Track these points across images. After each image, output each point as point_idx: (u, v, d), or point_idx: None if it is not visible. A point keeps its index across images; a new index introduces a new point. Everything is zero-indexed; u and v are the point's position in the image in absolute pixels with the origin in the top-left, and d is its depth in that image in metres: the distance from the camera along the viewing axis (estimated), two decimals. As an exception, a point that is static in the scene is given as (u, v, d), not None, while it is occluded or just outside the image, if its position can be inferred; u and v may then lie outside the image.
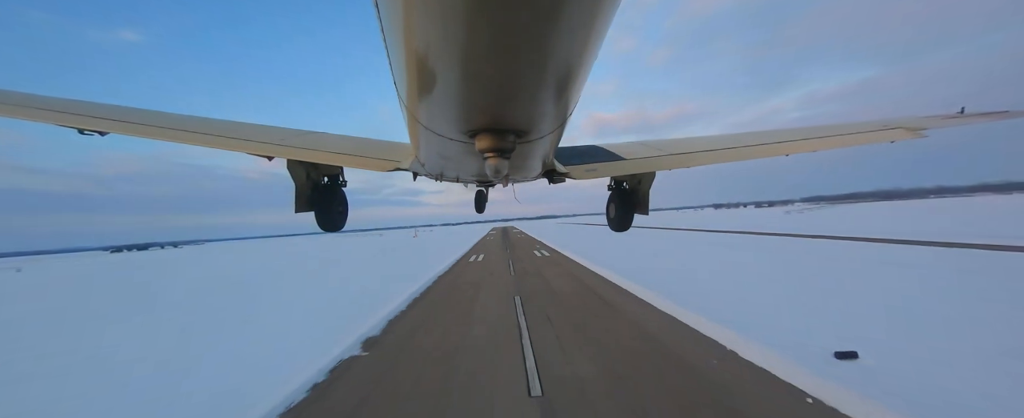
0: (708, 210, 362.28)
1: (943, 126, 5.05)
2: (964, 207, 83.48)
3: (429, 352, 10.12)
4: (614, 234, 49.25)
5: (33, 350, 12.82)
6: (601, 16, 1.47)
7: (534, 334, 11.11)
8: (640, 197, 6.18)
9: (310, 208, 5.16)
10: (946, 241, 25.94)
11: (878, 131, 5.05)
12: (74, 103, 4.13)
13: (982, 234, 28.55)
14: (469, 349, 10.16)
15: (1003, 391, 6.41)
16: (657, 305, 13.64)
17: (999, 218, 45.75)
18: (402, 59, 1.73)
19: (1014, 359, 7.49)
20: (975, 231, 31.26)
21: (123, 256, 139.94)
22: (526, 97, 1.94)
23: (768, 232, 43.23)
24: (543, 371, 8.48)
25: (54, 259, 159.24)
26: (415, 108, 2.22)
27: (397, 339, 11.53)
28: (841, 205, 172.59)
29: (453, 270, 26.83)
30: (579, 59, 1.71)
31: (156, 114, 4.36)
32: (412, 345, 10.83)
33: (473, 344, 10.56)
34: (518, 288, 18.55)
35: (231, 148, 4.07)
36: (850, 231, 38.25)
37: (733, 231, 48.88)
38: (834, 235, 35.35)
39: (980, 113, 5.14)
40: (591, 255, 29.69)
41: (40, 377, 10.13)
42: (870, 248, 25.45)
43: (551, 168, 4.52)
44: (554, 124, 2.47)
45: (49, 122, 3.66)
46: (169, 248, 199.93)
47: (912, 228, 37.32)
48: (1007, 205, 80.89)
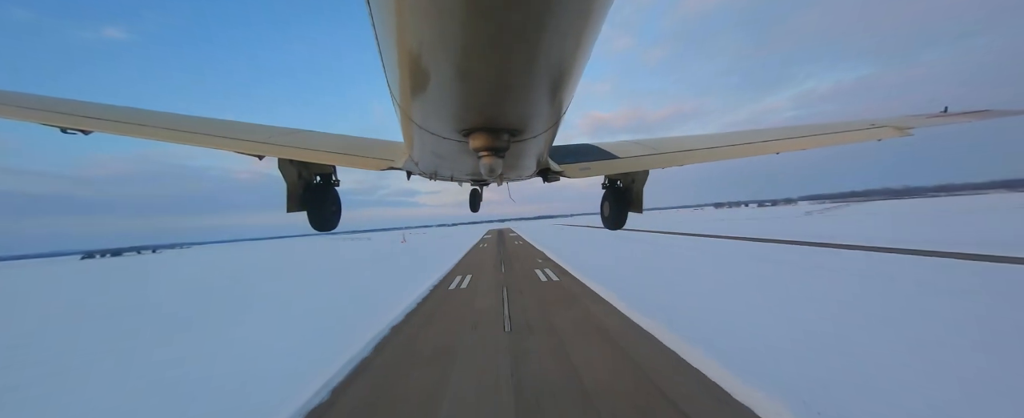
0: (709, 209, 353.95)
1: (928, 125, 5.22)
2: (986, 206, 76.47)
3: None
4: (631, 246, 41.04)
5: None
6: (594, 15, 1.48)
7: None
8: (634, 196, 6.20)
9: (302, 208, 5.11)
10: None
11: (866, 130, 5.21)
12: (57, 101, 4.04)
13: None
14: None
15: None
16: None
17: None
18: (395, 57, 1.74)
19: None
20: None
21: (94, 262, 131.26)
22: (520, 96, 1.96)
23: (855, 245, 35.05)
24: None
25: (10, 266, 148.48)
26: (408, 107, 2.23)
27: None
28: (853, 204, 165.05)
29: (419, 314, 18.39)
30: (573, 58, 1.72)
31: (142, 112, 4.22)
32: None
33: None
34: (513, 369, 10.29)
35: (220, 147, 3.98)
36: (948, 241, 30.11)
37: (802, 242, 40.63)
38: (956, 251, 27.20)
39: (962, 112, 5.43)
40: (618, 284, 21.38)
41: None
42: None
43: (545, 167, 4.57)
44: (548, 123, 2.49)
45: (31, 121, 3.59)
46: (147, 253, 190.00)
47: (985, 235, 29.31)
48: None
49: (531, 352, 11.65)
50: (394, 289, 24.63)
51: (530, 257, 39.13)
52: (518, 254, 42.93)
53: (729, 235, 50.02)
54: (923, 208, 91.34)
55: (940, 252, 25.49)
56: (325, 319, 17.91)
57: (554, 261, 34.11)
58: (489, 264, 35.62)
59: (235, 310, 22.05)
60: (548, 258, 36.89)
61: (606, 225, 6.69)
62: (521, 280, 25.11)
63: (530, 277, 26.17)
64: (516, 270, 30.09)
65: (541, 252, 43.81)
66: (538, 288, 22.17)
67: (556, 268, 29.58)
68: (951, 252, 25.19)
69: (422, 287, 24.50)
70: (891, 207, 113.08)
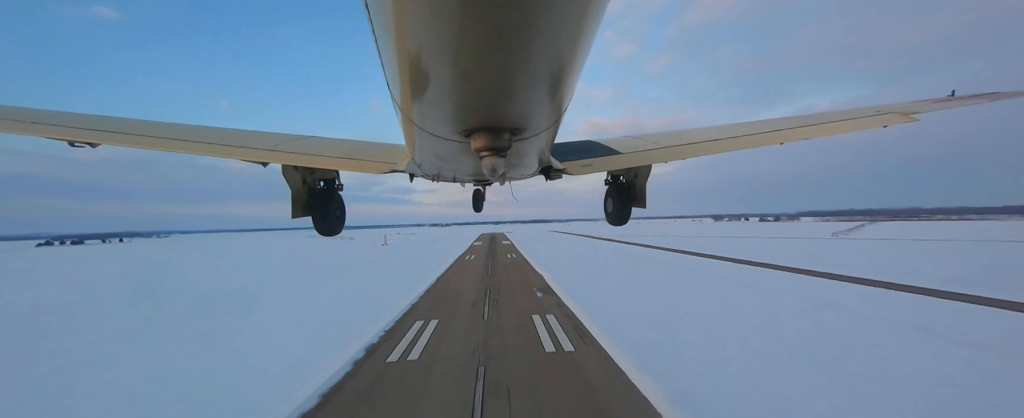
0: (706, 221, 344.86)
1: (934, 109, 5.04)
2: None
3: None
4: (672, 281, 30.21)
5: None
6: (590, 13, 1.46)
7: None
8: (637, 191, 6.04)
9: (307, 213, 5.12)
10: None
11: (871, 116, 5.05)
12: (64, 115, 4.12)
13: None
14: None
15: None
16: None
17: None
18: (394, 60, 1.73)
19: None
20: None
21: (49, 251, 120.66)
22: (520, 95, 1.94)
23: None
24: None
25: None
26: (409, 109, 2.24)
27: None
28: (868, 223, 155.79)
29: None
30: (571, 55, 1.70)
31: (148, 124, 4.34)
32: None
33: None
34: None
35: (225, 156, 4.03)
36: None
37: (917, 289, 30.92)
38: None
39: (971, 96, 5.18)
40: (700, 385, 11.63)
41: None
42: None
43: (548, 165, 4.50)
44: (549, 121, 2.47)
45: (40, 135, 3.62)
46: (113, 241, 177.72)
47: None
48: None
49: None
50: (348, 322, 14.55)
51: (525, 286, 29.15)
52: (510, 281, 32.95)
53: (825, 272, 40.41)
54: (951, 232, 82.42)
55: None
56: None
57: (559, 296, 24.09)
58: (469, 295, 25.58)
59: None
60: (550, 289, 26.92)
61: (610, 221, 6.55)
62: (513, 348, 15.11)
63: (527, 339, 16.15)
64: (506, 316, 20.05)
65: (539, 275, 33.91)
66: (544, 376, 12.18)
67: (568, 319, 19.55)
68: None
69: (336, 362, 14.35)
70: (919, 229, 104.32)
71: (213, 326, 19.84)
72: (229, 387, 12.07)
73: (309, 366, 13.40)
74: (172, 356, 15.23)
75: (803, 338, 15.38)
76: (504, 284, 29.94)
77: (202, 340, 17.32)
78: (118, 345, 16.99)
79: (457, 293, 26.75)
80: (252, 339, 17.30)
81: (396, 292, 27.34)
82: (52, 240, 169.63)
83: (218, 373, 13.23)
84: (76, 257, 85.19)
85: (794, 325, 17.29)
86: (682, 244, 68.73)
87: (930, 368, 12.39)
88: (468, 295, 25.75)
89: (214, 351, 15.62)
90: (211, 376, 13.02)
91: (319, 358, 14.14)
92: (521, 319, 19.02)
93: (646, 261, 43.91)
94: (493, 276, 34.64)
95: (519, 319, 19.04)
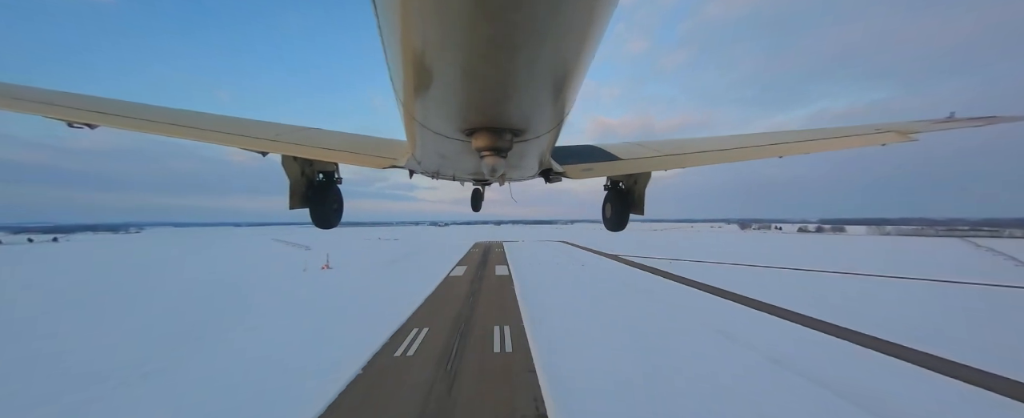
0: (729, 228, 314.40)
1: (932, 130, 5.05)
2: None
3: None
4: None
5: None
6: (598, 17, 1.48)
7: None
8: (636, 197, 6.05)
9: (304, 205, 5.09)
10: None
11: (870, 134, 5.11)
12: (63, 95, 3.96)
13: None
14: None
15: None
16: None
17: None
18: (399, 57, 1.72)
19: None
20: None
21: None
22: (523, 96, 1.94)
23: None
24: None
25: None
26: (412, 106, 2.23)
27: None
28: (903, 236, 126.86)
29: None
30: (576, 59, 1.72)
31: (148, 108, 4.19)
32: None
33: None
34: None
35: (225, 143, 3.95)
36: None
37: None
38: None
39: (968, 118, 5.15)
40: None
41: None
42: None
43: (548, 167, 4.58)
44: (551, 123, 2.48)
45: (37, 114, 3.52)
46: (86, 233, 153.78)
47: None
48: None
49: None
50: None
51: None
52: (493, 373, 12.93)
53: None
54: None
55: None
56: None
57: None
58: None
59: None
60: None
61: (607, 226, 6.57)
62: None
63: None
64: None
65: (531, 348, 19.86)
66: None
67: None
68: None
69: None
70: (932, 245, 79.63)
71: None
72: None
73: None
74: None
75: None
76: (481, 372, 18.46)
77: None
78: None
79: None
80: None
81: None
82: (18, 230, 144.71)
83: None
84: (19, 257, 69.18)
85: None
86: (786, 290, 42.71)
87: None
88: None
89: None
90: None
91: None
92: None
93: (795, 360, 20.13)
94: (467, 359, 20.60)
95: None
